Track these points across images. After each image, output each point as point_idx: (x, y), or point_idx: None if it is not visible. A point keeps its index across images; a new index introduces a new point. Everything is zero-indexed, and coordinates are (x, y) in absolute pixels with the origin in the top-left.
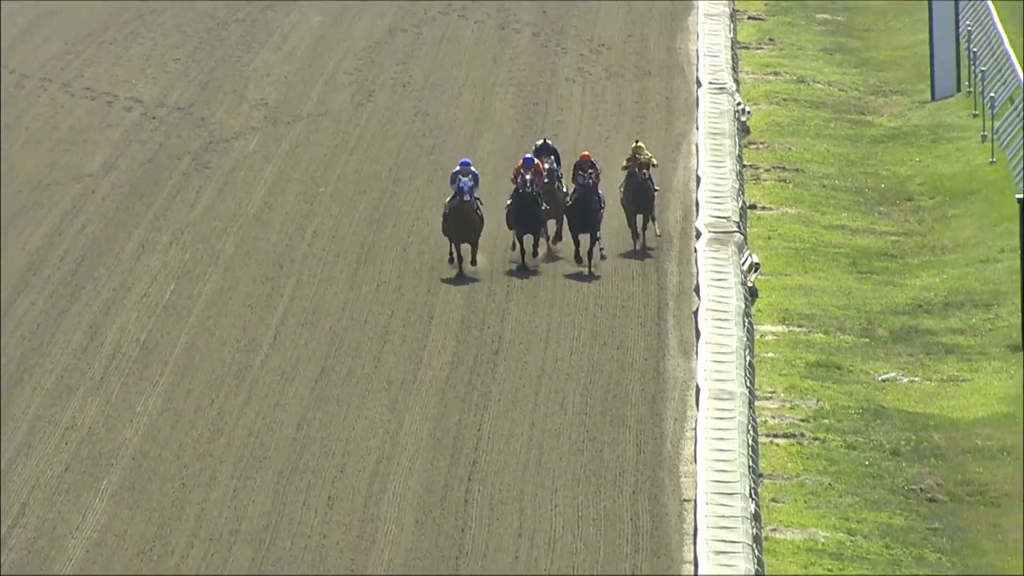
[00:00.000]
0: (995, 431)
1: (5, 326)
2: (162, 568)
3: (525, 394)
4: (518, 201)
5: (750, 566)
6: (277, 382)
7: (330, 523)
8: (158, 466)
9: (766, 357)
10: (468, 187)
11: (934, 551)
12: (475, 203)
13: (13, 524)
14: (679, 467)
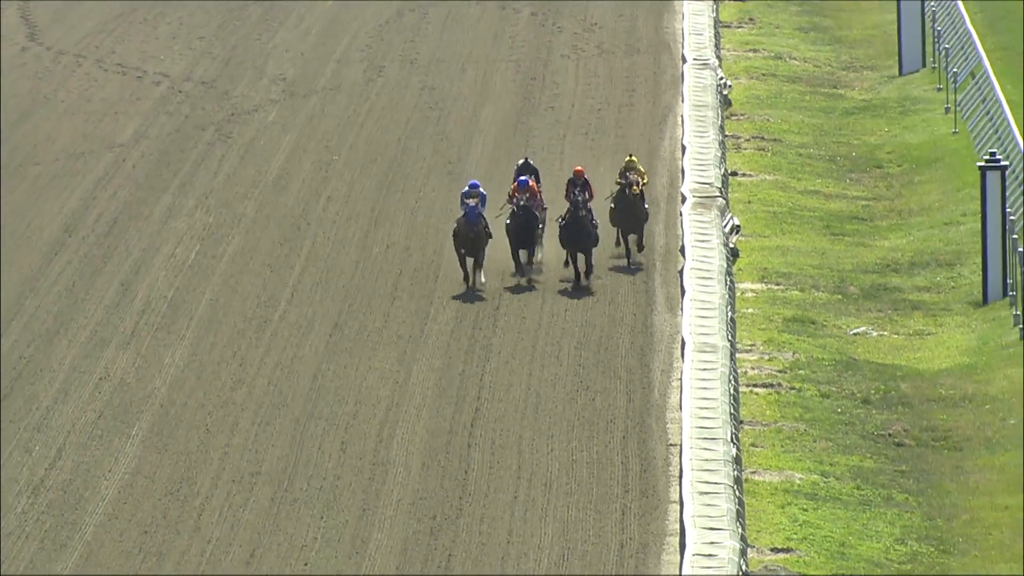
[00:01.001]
0: (958, 381)
1: (42, 284)
2: (188, 508)
3: (523, 347)
4: (515, 218)
5: (731, 505)
6: (294, 335)
7: (343, 466)
8: (184, 413)
9: (746, 313)
10: (476, 211)
11: (901, 491)
12: (482, 221)
13: (50, 467)
14: (666, 414)
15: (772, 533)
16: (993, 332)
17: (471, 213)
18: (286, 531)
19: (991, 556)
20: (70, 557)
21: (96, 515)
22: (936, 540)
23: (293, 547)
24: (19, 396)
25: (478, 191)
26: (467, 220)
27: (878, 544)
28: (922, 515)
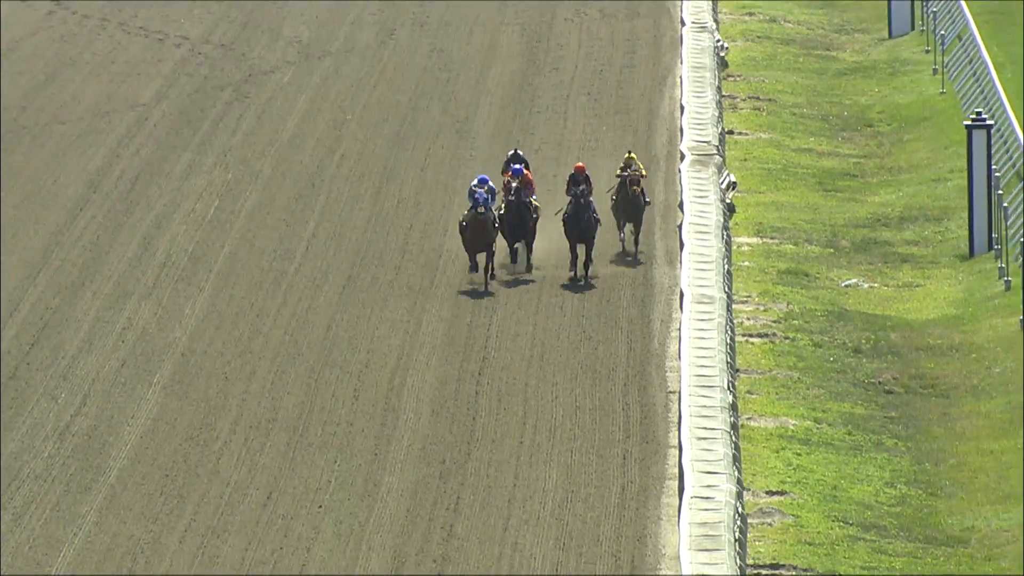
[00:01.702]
0: (945, 331)
1: (67, 238)
2: (207, 452)
3: (529, 298)
4: (509, 210)
5: (728, 450)
6: (309, 287)
7: (356, 412)
8: (204, 362)
9: (742, 266)
10: (484, 199)
11: (891, 437)
12: (491, 215)
13: (75, 414)
14: (665, 363)
15: (767, 476)
16: (979, 284)
17: (481, 197)
18: (301, 475)
19: (977, 499)
20: (94, 500)
21: (119, 459)
22: (924, 483)
23: (308, 490)
24: (45, 346)
25: (487, 183)
26: (475, 211)
27: (869, 487)
28: (911, 459)
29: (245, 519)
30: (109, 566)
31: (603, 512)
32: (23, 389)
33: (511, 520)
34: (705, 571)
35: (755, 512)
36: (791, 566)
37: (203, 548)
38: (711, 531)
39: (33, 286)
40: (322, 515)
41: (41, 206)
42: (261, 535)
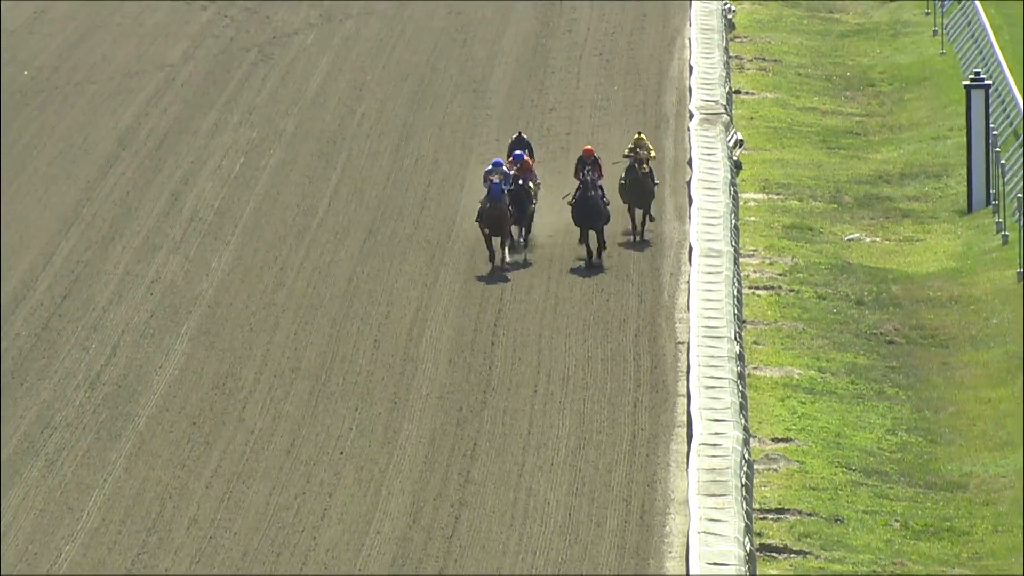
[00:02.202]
0: (944, 283)
1: (98, 193)
2: (233, 400)
3: (543, 254)
4: (508, 194)
5: (735, 399)
6: (331, 241)
7: (376, 362)
8: (230, 313)
9: (749, 220)
10: (499, 187)
11: (892, 386)
12: (506, 199)
13: (105, 363)
14: (674, 314)
15: (773, 424)
16: (977, 238)
17: (495, 190)
18: (323, 422)
19: (975, 445)
20: (124, 447)
21: (148, 407)
22: (924, 431)
23: (330, 436)
24: (77, 298)
25: (501, 169)
26: (491, 198)
27: (870, 434)
28: (911, 407)
29: (269, 465)
30: (138, 510)
31: (614, 458)
32: (55, 340)
33: (526, 466)
34: (713, 515)
35: (761, 458)
36: (796, 510)
37: (229, 493)
38: (718, 477)
39: (65, 239)
40: (343, 461)
41: (73, 162)
42: (285, 480)
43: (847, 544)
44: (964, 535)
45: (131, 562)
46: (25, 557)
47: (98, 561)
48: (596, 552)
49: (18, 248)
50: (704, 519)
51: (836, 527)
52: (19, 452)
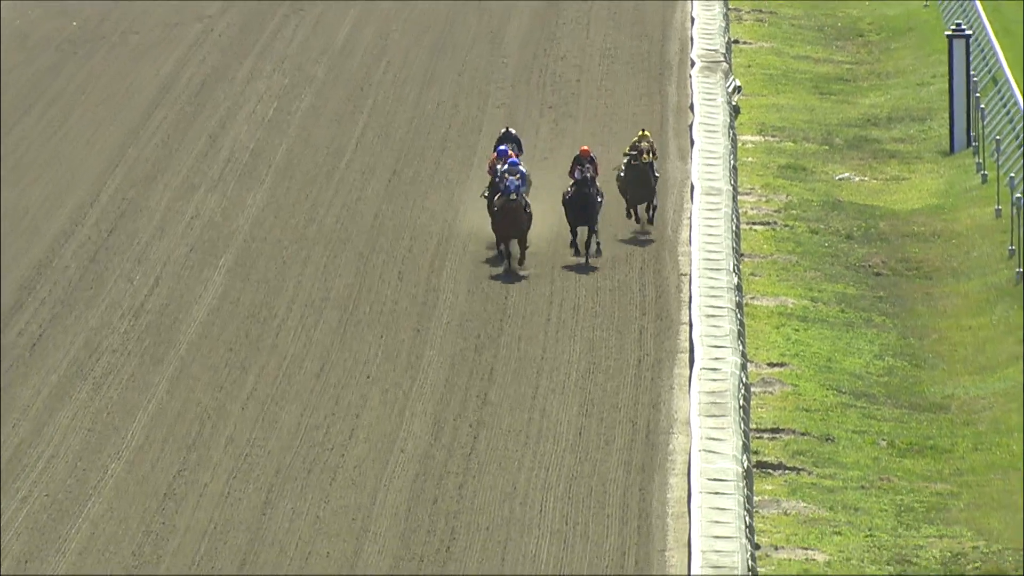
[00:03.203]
0: (928, 219)
1: (142, 135)
2: (267, 328)
3: (556, 195)
4: (494, 191)
5: (734, 326)
6: (358, 180)
7: (400, 292)
8: (264, 247)
9: (746, 161)
10: (515, 186)
11: (879, 314)
12: (523, 201)
13: (148, 294)
14: (677, 248)
15: (768, 350)
16: (958, 177)
17: (510, 189)
18: (351, 348)
19: (956, 369)
20: (166, 371)
21: (188, 334)
22: (909, 356)
23: (357, 362)
24: (122, 233)
25: (518, 169)
26: (506, 196)
27: (859, 359)
28: (897, 334)
29: (301, 388)
30: (179, 429)
31: (621, 382)
32: (102, 272)
33: (539, 388)
34: (713, 435)
35: (758, 382)
36: (790, 430)
37: (263, 414)
38: (718, 399)
39: (111, 178)
40: (370, 385)
41: (118, 107)
42: (315, 402)
43: (837, 461)
44: (946, 453)
45: (172, 478)
46: (75, 473)
47: (142, 477)
48: (604, 468)
49: (68, 186)
50: (705, 438)
51: (827, 445)
52: (68, 376)
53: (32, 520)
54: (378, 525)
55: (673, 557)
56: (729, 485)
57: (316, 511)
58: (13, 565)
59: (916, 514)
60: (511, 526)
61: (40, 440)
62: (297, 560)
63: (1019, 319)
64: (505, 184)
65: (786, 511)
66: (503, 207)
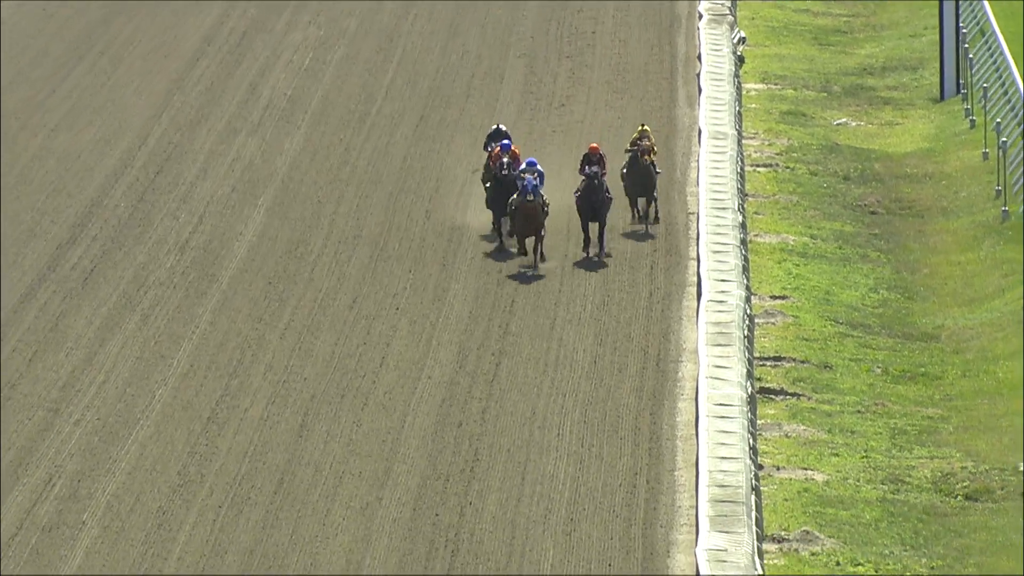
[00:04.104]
0: (920, 161)
1: (186, 83)
2: (303, 263)
3: (572, 140)
4: (497, 185)
5: (739, 261)
6: (388, 125)
7: (428, 230)
8: (300, 188)
9: (750, 107)
10: (533, 185)
11: (874, 250)
12: (541, 200)
13: (193, 231)
14: (686, 188)
15: (771, 283)
16: (948, 122)
17: (529, 185)
18: (382, 282)
19: (946, 302)
20: (209, 302)
21: (230, 269)
22: (902, 289)
23: (387, 294)
24: (168, 174)
25: (536, 168)
26: (523, 195)
27: (856, 292)
28: (891, 269)
29: (334, 319)
30: (221, 357)
31: (634, 313)
32: (149, 210)
33: (557, 319)
34: (719, 363)
35: (761, 313)
36: (791, 358)
37: (300, 343)
38: (724, 329)
39: (158, 124)
40: (399, 316)
41: (164, 57)
42: (348, 332)
43: (835, 387)
44: (937, 379)
45: (215, 403)
46: (124, 399)
47: (187, 402)
48: (618, 394)
49: (117, 131)
50: (712, 366)
51: (826, 373)
52: (118, 307)
53: (84, 442)
54: (407, 447)
55: (682, 476)
56: (734, 409)
57: (349, 434)
58: (67, 485)
59: (908, 436)
60: (531, 448)
61: (92, 367)
62: (331, 480)
63: (1005, 255)
64: (523, 183)
65: (787, 434)
66: (521, 208)
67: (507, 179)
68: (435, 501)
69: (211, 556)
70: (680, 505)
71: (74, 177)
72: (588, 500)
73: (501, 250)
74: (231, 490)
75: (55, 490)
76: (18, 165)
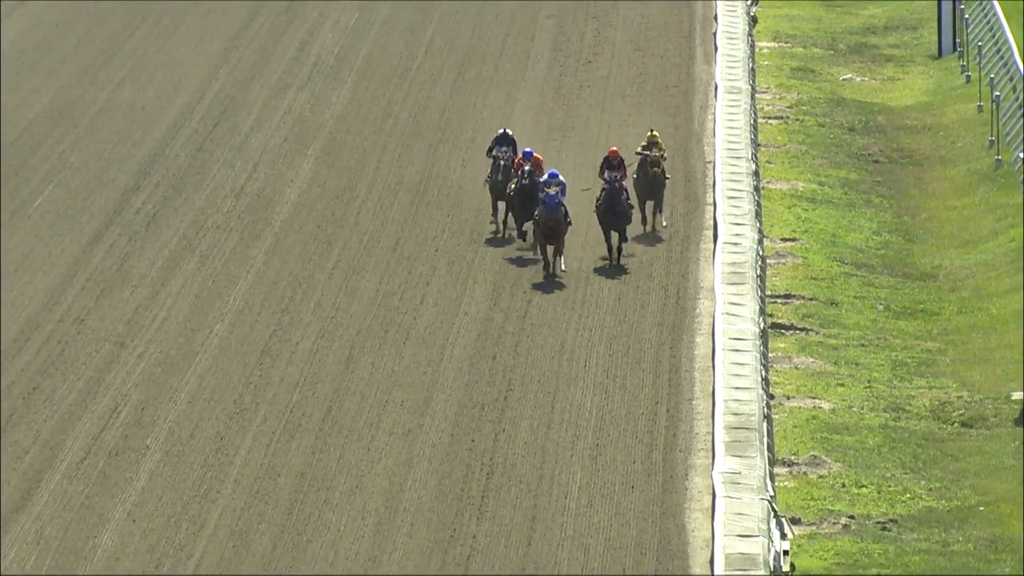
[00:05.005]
0: (919, 114)
1: (241, 42)
2: (350, 208)
3: (598, 91)
4: (521, 191)
5: (752, 206)
6: (427, 80)
7: (465, 177)
8: (347, 138)
9: (763, 64)
10: (555, 202)
11: (877, 196)
12: (563, 211)
13: (248, 178)
14: (703, 139)
15: (782, 227)
16: (945, 78)
17: (550, 202)
18: (422, 225)
19: (943, 243)
20: (263, 245)
21: (282, 214)
22: (903, 232)
23: (427, 237)
24: (224, 125)
25: (558, 179)
26: (546, 209)
27: (860, 235)
28: (893, 213)
29: (378, 260)
30: (274, 295)
31: (655, 254)
32: (207, 159)
33: (584, 260)
34: (734, 300)
35: (772, 254)
36: (800, 296)
37: (346, 283)
38: (738, 269)
39: (215, 79)
40: (438, 256)
41: (220, 16)
42: (391, 272)
43: (841, 323)
44: (934, 315)
45: (268, 337)
46: (184, 333)
47: (242, 337)
48: (640, 329)
49: (177, 86)
50: (727, 303)
51: (832, 309)
52: (179, 249)
53: (147, 374)
54: (445, 377)
55: (699, 405)
56: (747, 343)
57: (392, 365)
58: (132, 412)
59: (908, 368)
60: (560, 378)
61: (155, 304)
62: (376, 408)
63: (997, 200)
64: (547, 196)
65: (796, 365)
66: (545, 222)
67: (527, 185)
68: (471, 427)
69: (264, 479)
70: (698, 431)
71: (138, 129)
72: (613, 427)
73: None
74: (283, 417)
75: (121, 417)
76: (86, 118)
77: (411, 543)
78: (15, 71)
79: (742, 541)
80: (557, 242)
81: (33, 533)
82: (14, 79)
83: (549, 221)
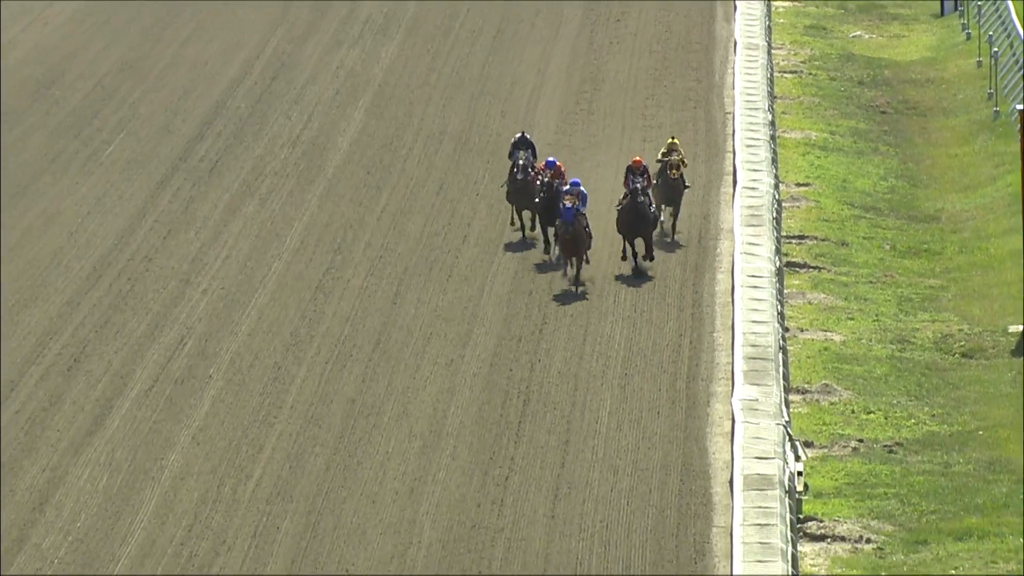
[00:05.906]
0: (923, 68)
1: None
2: (397, 156)
3: (626, 41)
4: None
5: (768, 154)
6: (468, 38)
7: (504, 126)
8: (395, 91)
9: (778, 22)
10: (572, 214)
11: (885, 144)
12: (582, 221)
13: (303, 128)
14: (723, 92)
15: (796, 173)
16: (947, 35)
17: (567, 214)
18: (464, 171)
19: (946, 188)
20: (317, 189)
21: (335, 161)
22: (908, 177)
23: (469, 181)
24: (282, 79)
25: (578, 189)
26: (563, 221)
27: (868, 180)
28: (899, 161)
29: (424, 203)
30: (327, 236)
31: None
32: (266, 110)
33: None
34: (752, 240)
35: (787, 198)
36: (813, 236)
37: (394, 224)
38: (756, 211)
39: (273, 36)
40: (479, 199)
41: None
42: (435, 214)
43: (851, 261)
44: (937, 255)
45: (322, 275)
46: (244, 271)
47: (298, 274)
48: (666, 266)
49: (238, 42)
50: (745, 243)
51: (843, 249)
52: (239, 193)
53: (211, 308)
54: (485, 311)
55: (720, 337)
56: (764, 280)
57: (436, 301)
58: (196, 344)
59: (913, 303)
60: (591, 312)
61: (217, 244)
62: (420, 340)
63: (995, 148)
64: (564, 209)
65: (810, 301)
66: (563, 234)
67: (548, 192)
68: (509, 358)
69: (319, 405)
70: (718, 362)
71: (202, 82)
72: (640, 357)
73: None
74: (335, 349)
75: (186, 348)
76: (154, 72)
77: (454, 464)
78: (89, 29)
79: (759, 463)
80: (577, 254)
81: (105, 455)
82: (88, 37)
83: (566, 234)
